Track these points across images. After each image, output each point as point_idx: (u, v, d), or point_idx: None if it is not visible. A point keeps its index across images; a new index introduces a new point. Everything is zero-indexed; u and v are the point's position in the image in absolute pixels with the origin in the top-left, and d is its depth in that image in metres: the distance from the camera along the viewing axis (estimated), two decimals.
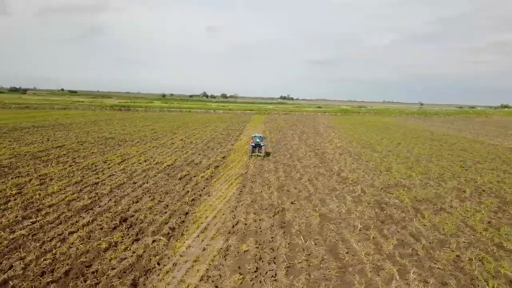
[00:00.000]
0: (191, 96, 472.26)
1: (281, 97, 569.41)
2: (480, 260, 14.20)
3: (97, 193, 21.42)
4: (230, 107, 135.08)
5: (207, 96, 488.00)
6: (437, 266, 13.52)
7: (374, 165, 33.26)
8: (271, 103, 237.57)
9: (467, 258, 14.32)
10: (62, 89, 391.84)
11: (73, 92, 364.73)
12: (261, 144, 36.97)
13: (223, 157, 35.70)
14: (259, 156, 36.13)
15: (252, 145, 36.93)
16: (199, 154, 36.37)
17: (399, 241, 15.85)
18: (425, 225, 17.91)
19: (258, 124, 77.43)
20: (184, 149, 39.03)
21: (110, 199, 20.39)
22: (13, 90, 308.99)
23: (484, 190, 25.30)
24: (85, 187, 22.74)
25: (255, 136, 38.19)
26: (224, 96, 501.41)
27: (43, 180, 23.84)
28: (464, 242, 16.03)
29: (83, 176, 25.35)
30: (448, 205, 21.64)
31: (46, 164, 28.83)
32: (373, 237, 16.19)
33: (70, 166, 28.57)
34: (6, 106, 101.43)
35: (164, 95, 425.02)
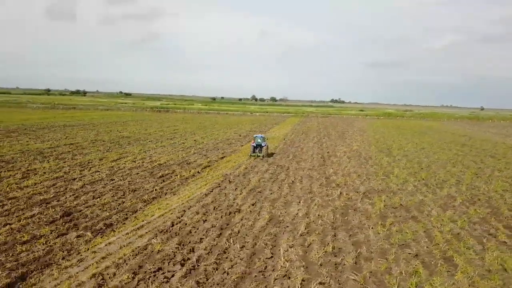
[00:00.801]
0: (240, 99, 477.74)
1: (332, 100, 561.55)
2: (411, 274, 12.74)
3: (66, 188, 21.85)
4: (268, 109, 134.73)
5: (256, 99, 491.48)
6: (354, 278, 12.28)
7: (376, 170, 31.49)
8: (316, 106, 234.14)
9: (398, 271, 12.91)
10: (120, 92, 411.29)
11: (128, 95, 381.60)
12: (262, 145, 36.48)
13: (222, 157, 35.41)
14: (259, 156, 35.53)
15: (253, 146, 36.61)
16: (199, 154, 36.33)
17: (335, 249, 14.65)
18: (378, 234, 16.48)
19: (286, 126, 76.50)
20: (189, 149, 39.17)
21: (73, 194, 20.71)
22: (75, 92, 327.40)
23: (479, 199, 23.03)
24: (61, 182, 23.29)
25: (256, 136, 37.79)
26: (273, 99, 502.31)
27: (26, 174, 24.76)
28: (409, 253, 14.52)
29: (68, 172, 26.03)
30: (426, 213, 19.87)
31: (43, 159, 29.98)
32: (309, 244, 15.11)
33: (65, 162, 29.51)
34: (55, 106, 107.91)
35: (214, 98, 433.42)
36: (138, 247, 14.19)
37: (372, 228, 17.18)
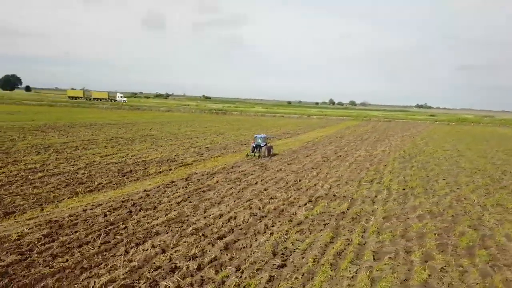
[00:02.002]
0: (317, 103, 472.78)
1: (417, 106, 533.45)
2: None
3: (23, 178, 23.01)
4: (327, 112, 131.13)
5: (333, 103, 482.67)
6: None
7: (370, 175, 29.02)
8: (383, 110, 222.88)
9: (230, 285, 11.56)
10: (203, 95, 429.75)
11: (207, 98, 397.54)
12: (261, 145, 35.79)
13: (217, 156, 35.06)
14: (255, 156, 34.91)
15: (253, 146, 36.13)
16: (197, 153, 36.27)
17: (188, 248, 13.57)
18: (267, 240, 14.96)
19: (330, 130, 73.82)
20: (192, 148, 39.33)
21: (22, 183, 21.71)
22: (159, 95, 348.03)
23: (456, 214, 19.93)
24: (26, 172, 24.58)
25: (256, 136, 37.13)
26: (352, 103, 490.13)
27: (12, 164, 26.52)
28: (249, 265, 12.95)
29: (45, 165, 27.39)
30: (360, 223, 17.68)
31: (43, 153, 31.94)
32: (155, 246, 14.17)
33: (58, 156, 31.20)
34: (121, 107, 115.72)
35: (290, 102, 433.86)
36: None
37: (268, 235, 15.65)
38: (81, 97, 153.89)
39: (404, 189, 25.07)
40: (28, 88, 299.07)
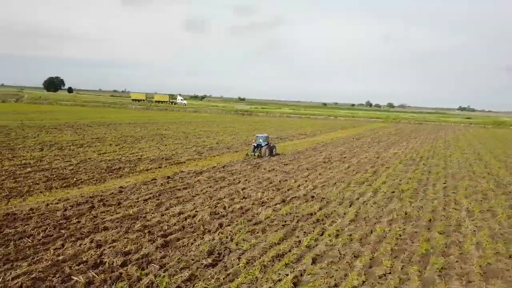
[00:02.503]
0: (353, 105, 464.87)
1: (460, 108, 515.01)
2: None
3: (14, 173, 23.78)
4: (355, 114, 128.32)
5: (370, 105, 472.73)
6: None
7: (364, 177, 28.15)
8: (431, 113, 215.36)
9: None
10: (239, 97, 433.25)
11: (242, 100, 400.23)
12: (262, 145, 35.45)
13: (216, 155, 35.00)
14: (254, 156, 34.77)
15: (254, 145, 35.88)
16: (197, 152, 36.29)
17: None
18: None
19: (351, 131, 72.08)
20: (197, 147, 39.42)
21: (7, 178, 22.43)
22: (195, 97, 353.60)
23: (435, 219, 18.80)
24: (17, 167, 25.39)
25: (258, 136, 36.82)
26: (390, 105, 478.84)
27: (9, 160, 27.55)
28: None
29: (39, 161, 28.21)
30: (323, 225, 16.98)
31: (46, 149, 32.99)
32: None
33: (59, 152, 32.10)
34: (150, 108, 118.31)
35: (325, 104, 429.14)
36: None
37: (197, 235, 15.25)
38: (144, 100, 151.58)
39: (393, 192, 23.93)
40: (70, 90, 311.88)
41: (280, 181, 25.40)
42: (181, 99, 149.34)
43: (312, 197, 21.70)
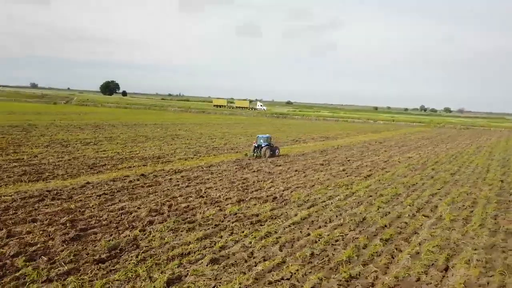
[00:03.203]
0: (406, 109, 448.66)
1: None
2: None
3: None
4: (395, 118, 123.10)
5: (424, 109, 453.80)
6: None
7: (351, 180, 26.77)
8: (489, 118, 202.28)
9: None
10: (288, 101, 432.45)
11: (289, 103, 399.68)
12: (262, 145, 34.90)
13: (213, 155, 34.86)
14: (253, 156, 34.55)
15: (255, 145, 35.46)
16: (195, 152, 36.33)
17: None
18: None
19: (380, 136, 69.20)
20: (198, 147, 39.52)
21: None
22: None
23: (390, 226, 17.47)
24: (13, 162, 26.69)
25: (259, 136, 36.38)
26: (447, 110, 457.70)
27: (7, 154, 29.08)
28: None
29: (42, 158, 29.33)
30: (260, 226, 16.24)
31: (51, 147, 34.51)
32: None
33: (66, 148, 33.42)
34: (187, 110, 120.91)
35: (376, 108, 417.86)
36: None
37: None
38: (224, 106, 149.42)
39: (370, 196, 22.51)
40: (124, 93, 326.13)
41: (254, 182, 24.73)
42: (261, 105, 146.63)
43: (275, 198, 20.86)
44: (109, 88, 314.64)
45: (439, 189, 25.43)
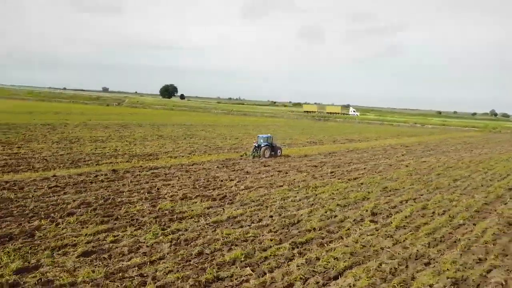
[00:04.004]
0: (474, 114, 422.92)
1: None
2: None
3: None
4: (447, 122, 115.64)
5: (495, 114, 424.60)
6: None
7: (330, 182, 25.56)
8: None
9: None
10: (348, 104, 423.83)
11: (345, 107, 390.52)
12: (262, 145, 34.50)
13: (208, 154, 34.86)
14: (251, 156, 34.32)
15: (255, 145, 35.21)
16: (191, 151, 36.48)
17: None
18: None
19: (414, 139, 65.42)
20: (199, 146, 39.69)
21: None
22: (295, 104, 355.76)
23: (337, 231, 16.40)
24: (5, 155, 28.43)
25: (259, 136, 36.11)
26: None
27: (6, 148, 31.12)
28: None
29: (38, 152, 31.05)
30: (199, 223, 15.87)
31: (57, 143, 36.34)
32: None
33: (66, 147, 35.07)
34: (230, 113, 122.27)
35: (440, 112, 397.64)
36: None
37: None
38: (315, 112, 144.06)
39: (332, 199, 21.23)
40: (182, 96, 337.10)
41: (222, 180, 24.34)
42: (353, 111, 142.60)
43: (224, 197, 20.36)
44: (168, 91, 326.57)
45: (421, 195, 23.41)
